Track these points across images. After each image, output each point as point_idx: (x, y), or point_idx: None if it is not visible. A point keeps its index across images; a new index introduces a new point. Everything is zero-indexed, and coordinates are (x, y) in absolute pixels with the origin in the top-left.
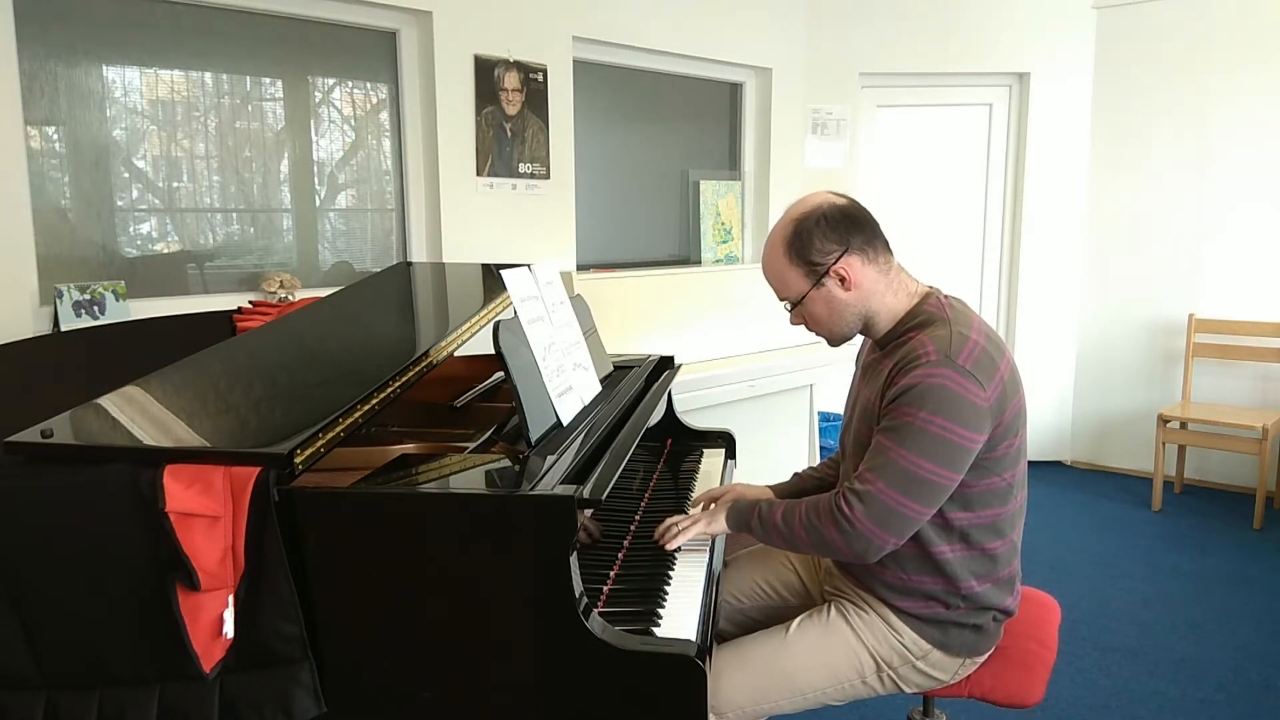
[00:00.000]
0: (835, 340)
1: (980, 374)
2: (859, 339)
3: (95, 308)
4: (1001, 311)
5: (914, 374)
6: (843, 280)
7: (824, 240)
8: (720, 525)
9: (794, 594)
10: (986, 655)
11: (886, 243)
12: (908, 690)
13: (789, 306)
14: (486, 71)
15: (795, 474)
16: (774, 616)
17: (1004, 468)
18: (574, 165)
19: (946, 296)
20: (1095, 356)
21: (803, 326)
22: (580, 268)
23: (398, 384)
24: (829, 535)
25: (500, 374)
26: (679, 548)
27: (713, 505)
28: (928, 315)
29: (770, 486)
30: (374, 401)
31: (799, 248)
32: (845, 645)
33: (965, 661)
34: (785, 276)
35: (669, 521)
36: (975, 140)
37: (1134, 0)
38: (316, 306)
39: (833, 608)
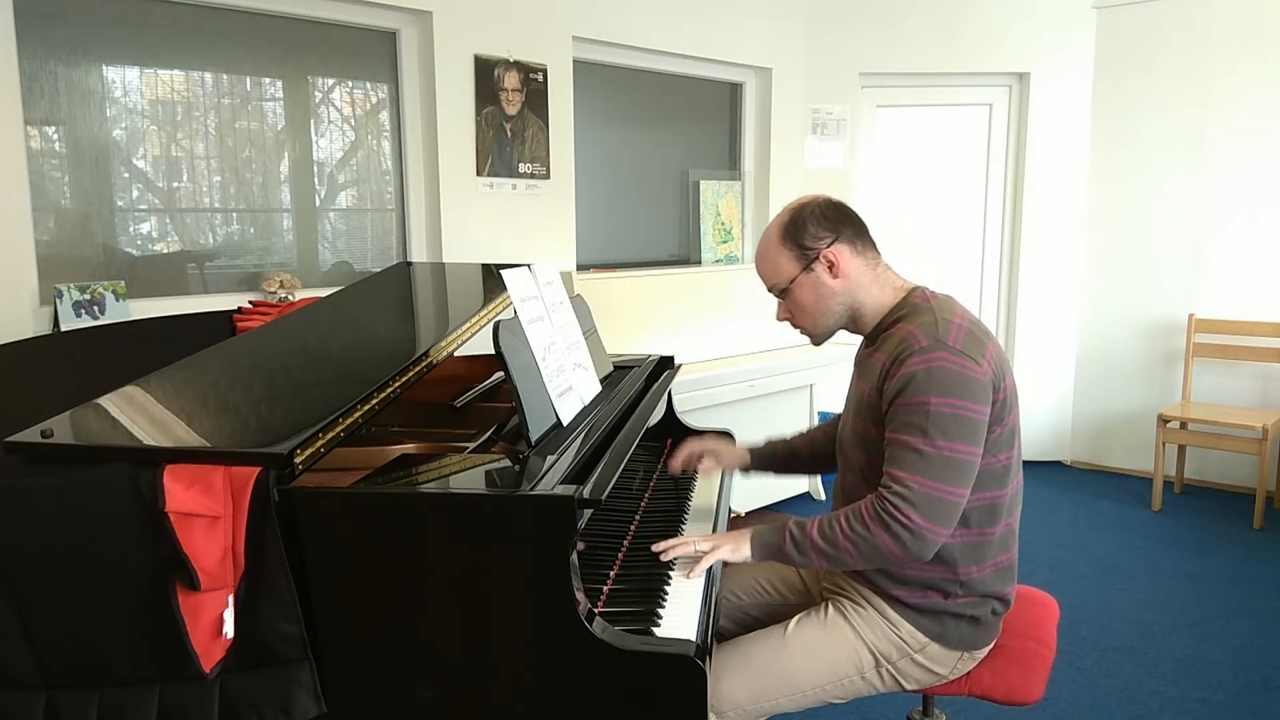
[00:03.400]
0: (819, 335)
1: (972, 351)
2: (856, 340)
3: (95, 308)
4: (1001, 311)
5: (910, 362)
6: (831, 266)
7: (817, 226)
8: (744, 554)
9: (794, 592)
10: (985, 651)
11: (874, 242)
12: (907, 686)
13: (778, 295)
14: (486, 71)
15: (768, 440)
16: (774, 614)
17: (1000, 448)
18: (574, 165)
19: (932, 291)
20: (1095, 356)
21: (789, 323)
22: (580, 268)
23: (398, 384)
24: (883, 543)
25: (500, 374)
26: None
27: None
28: (913, 307)
29: (750, 449)
30: (374, 401)
31: (793, 232)
32: (844, 642)
33: (964, 656)
34: (778, 261)
35: (679, 542)
36: (975, 140)
37: (1134, 0)
38: (316, 306)
39: (830, 605)
